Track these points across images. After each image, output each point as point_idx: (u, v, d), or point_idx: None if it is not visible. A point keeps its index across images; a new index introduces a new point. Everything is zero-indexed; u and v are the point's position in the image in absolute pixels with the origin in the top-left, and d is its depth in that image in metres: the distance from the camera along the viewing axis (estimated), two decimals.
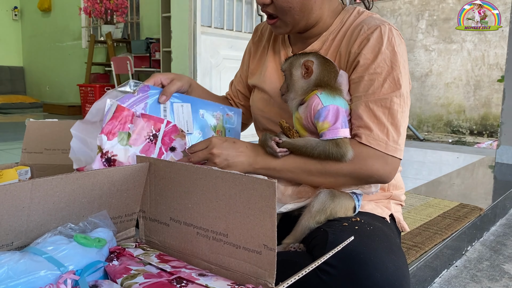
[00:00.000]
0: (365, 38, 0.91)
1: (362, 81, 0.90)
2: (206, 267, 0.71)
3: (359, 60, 0.90)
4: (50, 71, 7.87)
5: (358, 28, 0.94)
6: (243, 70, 1.22)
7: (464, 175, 2.81)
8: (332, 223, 0.86)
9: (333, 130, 0.85)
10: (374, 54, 0.89)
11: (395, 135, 0.88)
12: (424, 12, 5.26)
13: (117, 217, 0.79)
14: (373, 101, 0.88)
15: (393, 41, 0.90)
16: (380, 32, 0.90)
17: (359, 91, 0.90)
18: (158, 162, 0.78)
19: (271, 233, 0.62)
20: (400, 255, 0.79)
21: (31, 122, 1.51)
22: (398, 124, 0.88)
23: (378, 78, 0.88)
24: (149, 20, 5.99)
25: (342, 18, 1.00)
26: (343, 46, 0.96)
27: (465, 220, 1.74)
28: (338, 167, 0.87)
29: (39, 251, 0.62)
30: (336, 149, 0.85)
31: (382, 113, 0.87)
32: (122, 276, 0.65)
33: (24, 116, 6.15)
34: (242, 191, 0.65)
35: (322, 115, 0.86)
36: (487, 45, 4.87)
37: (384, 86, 0.88)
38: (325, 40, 1.00)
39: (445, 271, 1.50)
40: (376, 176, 0.88)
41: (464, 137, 4.96)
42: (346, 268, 0.73)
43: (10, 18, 8.17)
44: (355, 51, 0.92)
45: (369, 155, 0.86)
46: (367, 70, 0.89)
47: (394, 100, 0.88)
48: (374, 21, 0.93)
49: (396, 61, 0.89)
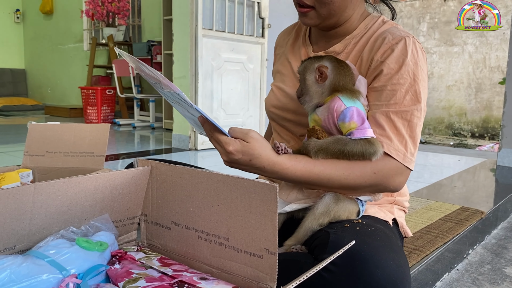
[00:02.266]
0: (389, 47, 0.92)
1: (385, 90, 0.90)
2: (207, 270, 0.71)
3: (382, 69, 0.91)
4: (51, 74, 7.89)
5: (382, 37, 0.94)
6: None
7: (466, 178, 2.81)
8: (334, 225, 0.87)
9: (362, 130, 0.86)
10: (398, 65, 0.90)
11: (412, 147, 0.90)
12: (425, 14, 5.27)
13: (119, 221, 0.79)
14: (394, 112, 0.89)
15: (417, 54, 0.91)
16: (405, 44, 0.91)
17: (381, 100, 0.91)
18: (160, 166, 0.78)
19: (273, 237, 0.63)
20: (401, 254, 0.80)
21: (33, 125, 1.52)
22: (415, 137, 0.90)
23: (401, 89, 0.89)
24: (150, 23, 6.01)
25: (366, 24, 1.01)
26: (366, 52, 0.96)
27: (467, 224, 1.74)
28: (363, 180, 0.87)
29: (41, 254, 0.63)
30: (368, 146, 0.86)
31: (402, 124, 0.89)
32: (124, 280, 0.65)
33: (26, 119, 6.16)
34: (243, 195, 0.65)
35: (348, 116, 0.86)
36: (489, 47, 4.87)
37: (406, 98, 0.89)
38: (347, 44, 1.01)
39: (447, 275, 1.50)
40: (391, 187, 0.90)
41: (466, 139, 4.95)
42: (347, 265, 0.73)
43: (12, 20, 8.20)
44: (378, 59, 0.92)
45: (391, 167, 0.88)
46: (390, 80, 0.90)
47: (415, 113, 0.89)
48: (399, 32, 0.94)
49: (419, 74, 0.90)
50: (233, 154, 0.83)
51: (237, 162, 0.85)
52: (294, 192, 0.94)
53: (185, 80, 3.57)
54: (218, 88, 3.71)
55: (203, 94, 3.57)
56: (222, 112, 3.76)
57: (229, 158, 0.84)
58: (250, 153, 0.83)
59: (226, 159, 0.85)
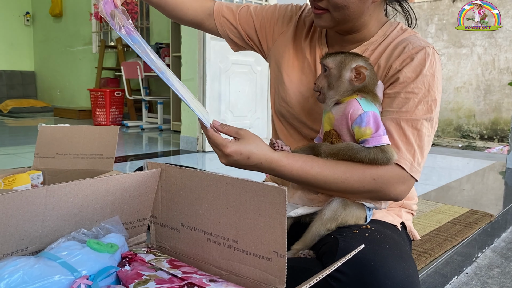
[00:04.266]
0: (408, 56, 0.91)
1: (398, 97, 0.90)
2: (216, 273, 0.72)
3: (399, 77, 0.90)
4: (61, 76, 7.96)
5: (402, 45, 0.93)
6: (260, 14, 1.13)
7: (475, 181, 2.79)
8: (343, 230, 0.87)
9: (376, 137, 0.85)
10: (415, 74, 0.89)
11: (420, 157, 0.89)
12: (433, 16, 5.25)
13: (129, 223, 0.80)
14: (405, 120, 0.88)
15: (435, 66, 0.90)
16: (424, 54, 0.90)
17: (393, 107, 0.90)
18: (169, 169, 0.79)
19: (281, 240, 0.63)
20: (410, 262, 0.79)
21: (43, 127, 1.54)
22: (424, 147, 0.89)
23: (414, 98, 0.88)
24: (159, 25, 6.04)
25: (385, 31, 0.99)
26: (383, 59, 0.95)
27: (476, 227, 1.73)
28: (361, 185, 0.87)
29: (53, 256, 0.63)
30: (382, 155, 0.85)
31: (411, 133, 0.88)
32: (134, 281, 0.65)
33: (35, 120, 6.22)
34: (252, 197, 0.66)
35: (364, 121, 0.85)
36: (498, 49, 4.84)
37: (418, 108, 0.88)
38: (364, 50, 0.99)
39: (455, 278, 1.49)
40: (391, 195, 0.89)
41: (474, 142, 4.92)
42: (356, 275, 0.73)
43: (22, 23, 8.28)
44: (396, 67, 0.91)
45: (392, 174, 0.87)
46: (405, 88, 0.89)
47: (425, 124, 0.89)
48: (419, 41, 0.93)
49: (434, 86, 0.89)
50: (231, 156, 0.85)
51: (236, 163, 0.86)
52: (298, 193, 0.94)
53: (193, 82, 3.58)
54: (225, 90, 3.72)
55: (211, 96, 3.59)
56: (229, 114, 3.77)
57: (228, 160, 0.86)
58: (247, 150, 0.85)
59: (225, 162, 0.87)
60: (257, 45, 1.16)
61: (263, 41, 1.14)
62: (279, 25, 1.12)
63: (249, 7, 1.15)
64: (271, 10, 1.14)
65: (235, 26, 1.14)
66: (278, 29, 1.12)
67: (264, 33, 1.13)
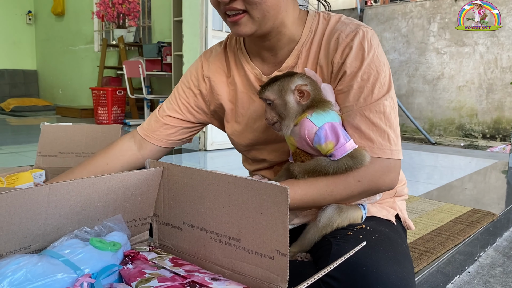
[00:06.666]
0: (346, 46, 0.89)
1: (351, 90, 0.88)
2: (218, 271, 0.72)
3: (345, 70, 0.89)
4: (63, 75, 7.97)
5: (335, 37, 0.91)
6: (191, 96, 1.11)
7: (477, 180, 2.79)
8: (337, 232, 0.86)
9: (340, 148, 0.83)
10: (359, 62, 0.88)
11: (394, 137, 0.87)
12: (435, 15, 5.23)
13: (131, 221, 0.80)
14: (367, 109, 0.86)
15: (373, 44, 0.89)
16: (359, 38, 0.88)
17: (349, 101, 0.88)
18: (171, 167, 0.79)
19: (284, 238, 0.63)
20: (406, 264, 0.78)
21: (46, 125, 1.54)
22: (394, 125, 0.88)
23: (367, 85, 0.87)
24: (160, 24, 6.04)
25: (310, 27, 0.96)
26: (322, 57, 0.93)
27: (478, 226, 1.73)
28: (349, 192, 0.86)
29: (56, 254, 0.64)
30: (353, 161, 0.83)
31: (378, 118, 0.86)
32: (136, 280, 0.66)
33: (38, 119, 6.23)
34: (254, 196, 0.66)
35: (322, 137, 0.83)
36: (500, 48, 4.83)
37: (374, 92, 0.87)
38: (298, 53, 0.96)
39: (458, 277, 1.49)
40: (383, 187, 0.87)
41: (477, 141, 4.91)
42: (349, 281, 0.72)
43: (24, 22, 8.30)
44: (338, 61, 0.90)
45: (375, 169, 0.85)
46: (354, 79, 0.88)
47: (386, 103, 0.87)
48: (348, 27, 0.91)
49: (380, 64, 0.88)
50: None
51: None
52: (292, 218, 0.93)
53: None
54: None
55: None
56: None
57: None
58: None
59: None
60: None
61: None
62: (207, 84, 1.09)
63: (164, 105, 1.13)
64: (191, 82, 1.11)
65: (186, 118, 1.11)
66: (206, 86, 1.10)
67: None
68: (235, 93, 1.06)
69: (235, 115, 1.07)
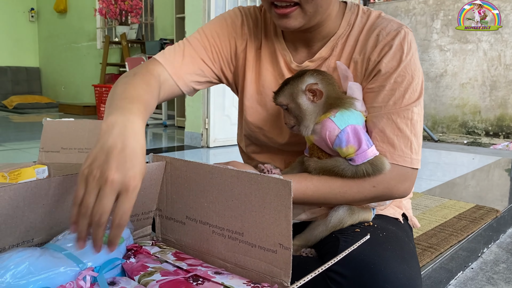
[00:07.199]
0: (386, 44, 0.87)
1: (383, 91, 0.86)
2: (221, 265, 0.72)
3: (380, 69, 0.86)
4: (65, 72, 7.98)
5: (375, 34, 0.89)
6: (214, 53, 0.99)
7: (480, 177, 2.78)
8: (345, 228, 0.86)
9: (362, 154, 0.81)
10: (396, 63, 0.86)
11: (417, 146, 0.86)
12: (439, 12, 5.21)
13: (134, 216, 0.80)
14: (395, 112, 0.85)
15: (412, 47, 0.87)
16: (400, 39, 0.86)
17: (378, 101, 0.86)
18: (174, 161, 0.78)
19: (287, 232, 0.63)
20: (413, 263, 0.77)
21: (48, 121, 1.54)
22: (418, 133, 0.86)
23: (400, 88, 0.85)
24: (163, 21, 6.04)
25: (348, 20, 0.93)
26: (358, 52, 0.90)
27: (481, 222, 1.72)
28: (362, 196, 0.84)
29: (59, 247, 0.63)
30: (372, 168, 0.82)
31: (405, 124, 0.85)
32: (139, 273, 0.65)
33: (40, 116, 6.24)
34: (257, 190, 0.65)
35: (343, 140, 0.81)
36: (504, 45, 4.80)
37: (405, 97, 0.85)
38: (333, 46, 0.93)
39: (461, 273, 1.49)
40: (397, 195, 0.86)
41: (480, 138, 4.89)
42: (356, 278, 0.71)
43: (27, 19, 8.30)
44: (375, 58, 0.87)
45: (392, 176, 0.84)
46: (388, 80, 0.86)
47: (414, 110, 0.85)
48: (390, 24, 0.89)
49: (416, 69, 0.86)
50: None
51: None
52: (299, 213, 0.92)
53: None
54: None
55: (215, 91, 3.58)
56: (234, 109, 3.76)
57: None
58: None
59: None
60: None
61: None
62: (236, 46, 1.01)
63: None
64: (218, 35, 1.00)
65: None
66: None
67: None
68: (259, 67, 1.00)
69: (255, 87, 1.01)
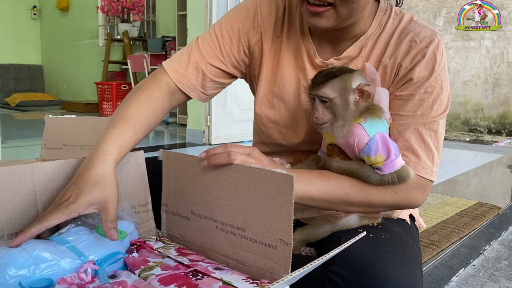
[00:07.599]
0: (419, 52, 0.84)
1: (412, 100, 0.84)
2: (223, 261, 0.72)
3: (412, 77, 0.83)
4: (68, 69, 7.99)
5: (408, 39, 0.85)
6: (225, 53, 0.95)
7: (482, 174, 2.77)
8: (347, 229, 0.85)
9: (390, 164, 0.79)
10: (428, 72, 0.83)
11: (437, 158, 0.85)
12: (441, 9, 5.20)
13: (131, 207, 0.80)
14: (422, 124, 0.83)
15: (444, 58, 0.85)
16: (433, 47, 0.84)
17: (406, 110, 0.84)
18: (182, 157, 0.79)
19: (288, 228, 0.63)
20: (415, 266, 0.76)
21: (50, 118, 1.54)
22: (440, 146, 0.86)
23: (429, 98, 0.83)
24: (165, 19, 6.03)
25: (379, 21, 0.89)
26: (388, 56, 0.86)
27: (483, 219, 1.72)
28: (383, 199, 0.83)
29: (62, 240, 0.64)
30: (397, 178, 0.80)
31: (429, 136, 0.83)
32: (140, 268, 0.66)
33: (43, 114, 6.25)
34: (260, 185, 0.65)
35: (373, 149, 0.78)
36: (507, 42, 4.78)
37: (433, 108, 0.83)
38: (362, 46, 0.89)
39: (462, 270, 1.49)
40: (413, 204, 0.85)
41: (482, 136, 4.88)
42: (355, 280, 0.70)
43: (29, 17, 8.31)
44: (407, 66, 0.84)
45: (413, 185, 0.83)
46: (419, 89, 0.83)
47: (440, 122, 0.84)
48: (424, 31, 0.86)
49: (445, 81, 0.85)
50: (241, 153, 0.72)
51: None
52: (302, 209, 0.90)
53: None
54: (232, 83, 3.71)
55: None
56: (236, 107, 3.77)
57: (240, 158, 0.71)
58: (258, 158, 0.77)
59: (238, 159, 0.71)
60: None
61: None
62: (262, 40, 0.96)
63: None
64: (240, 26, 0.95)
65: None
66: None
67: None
68: (279, 58, 0.95)
69: (273, 77, 0.97)
